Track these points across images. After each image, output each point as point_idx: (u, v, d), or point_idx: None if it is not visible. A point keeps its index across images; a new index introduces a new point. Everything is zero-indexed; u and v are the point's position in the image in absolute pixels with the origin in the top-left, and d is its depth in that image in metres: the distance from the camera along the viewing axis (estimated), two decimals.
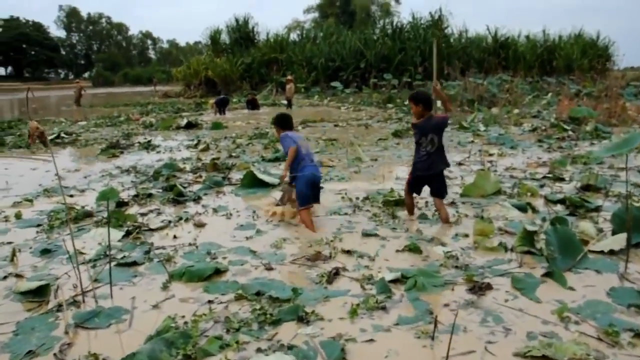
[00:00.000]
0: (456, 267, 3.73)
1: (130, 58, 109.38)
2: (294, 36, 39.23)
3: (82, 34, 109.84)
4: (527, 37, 36.11)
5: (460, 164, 7.80)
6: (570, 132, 10.89)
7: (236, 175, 7.21)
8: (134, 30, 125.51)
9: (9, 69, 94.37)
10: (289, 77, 21.83)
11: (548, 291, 3.29)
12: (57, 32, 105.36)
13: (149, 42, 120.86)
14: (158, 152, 9.84)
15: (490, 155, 8.50)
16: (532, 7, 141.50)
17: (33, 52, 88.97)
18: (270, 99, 25.98)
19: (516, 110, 16.20)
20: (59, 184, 4.36)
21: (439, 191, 4.84)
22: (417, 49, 30.62)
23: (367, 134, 11.90)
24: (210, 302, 3.23)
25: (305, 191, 4.83)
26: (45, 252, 4.24)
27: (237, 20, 38.28)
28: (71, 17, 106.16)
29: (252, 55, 35.06)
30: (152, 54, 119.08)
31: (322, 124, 14.47)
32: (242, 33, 37.90)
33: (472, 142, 10.11)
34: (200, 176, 7.19)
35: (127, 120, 17.04)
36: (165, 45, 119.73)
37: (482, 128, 12.05)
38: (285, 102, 21.15)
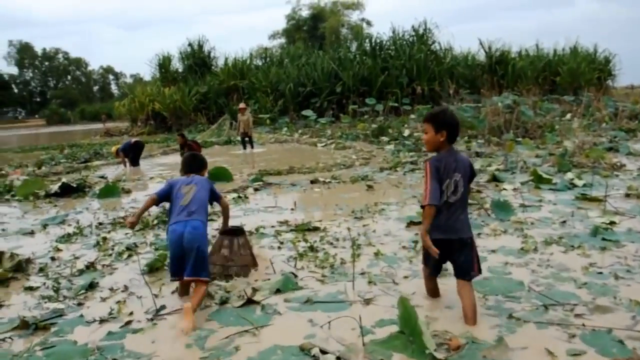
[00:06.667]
0: None
1: (91, 94, 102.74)
2: (258, 62, 34.03)
3: (37, 70, 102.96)
4: (520, 52, 32.05)
5: None
6: None
7: None
8: (94, 66, 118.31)
9: None
10: (242, 105, 16.12)
11: None
12: (7, 68, 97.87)
13: (111, 77, 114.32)
14: None
15: None
16: (500, 27, 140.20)
17: None
18: (223, 135, 20.39)
19: (567, 142, 11.03)
20: None
21: (463, 268, 2.84)
22: (402, 68, 25.74)
23: (376, 208, 6.03)
24: None
25: (170, 259, 3.45)
26: None
27: (190, 45, 33.03)
28: (23, 53, 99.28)
29: (208, 83, 29.75)
30: (114, 89, 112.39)
31: (291, 179, 8.67)
32: (197, 59, 32.58)
33: (611, 225, 4.71)
34: None
35: None
36: (129, 80, 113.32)
37: (576, 181, 6.69)
38: (239, 139, 15.59)
